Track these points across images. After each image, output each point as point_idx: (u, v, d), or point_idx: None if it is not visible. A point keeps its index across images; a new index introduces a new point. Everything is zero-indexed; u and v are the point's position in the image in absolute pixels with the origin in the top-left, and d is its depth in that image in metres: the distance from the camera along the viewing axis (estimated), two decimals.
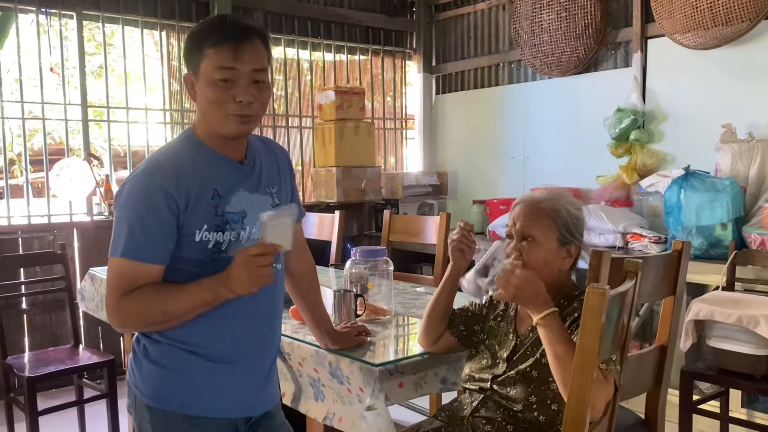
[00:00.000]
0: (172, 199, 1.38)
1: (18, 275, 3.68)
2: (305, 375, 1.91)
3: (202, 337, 1.45)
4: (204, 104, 1.43)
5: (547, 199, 1.66)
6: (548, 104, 4.71)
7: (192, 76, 1.44)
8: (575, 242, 1.65)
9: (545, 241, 1.62)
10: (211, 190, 1.43)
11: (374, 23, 5.42)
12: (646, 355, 1.99)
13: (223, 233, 1.43)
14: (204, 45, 1.39)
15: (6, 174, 4.15)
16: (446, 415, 1.77)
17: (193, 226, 1.41)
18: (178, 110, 4.60)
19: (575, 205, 1.67)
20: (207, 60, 1.39)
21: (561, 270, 1.66)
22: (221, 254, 1.43)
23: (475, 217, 4.88)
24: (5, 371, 3.04)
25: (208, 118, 1.44)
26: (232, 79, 1.39)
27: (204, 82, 1.41)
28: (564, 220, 1.62)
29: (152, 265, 1.40)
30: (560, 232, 1.62)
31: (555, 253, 1.63)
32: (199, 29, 1.44)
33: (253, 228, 1.47)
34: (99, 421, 3.20)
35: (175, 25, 4.49)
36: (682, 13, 3.67)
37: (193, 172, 1.43)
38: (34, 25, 4.05)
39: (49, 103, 4.14)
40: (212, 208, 1.43)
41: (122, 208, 1.41)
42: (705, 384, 2.91)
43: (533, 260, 1.62)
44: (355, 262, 2.23)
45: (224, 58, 1.38)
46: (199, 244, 1.42)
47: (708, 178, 3.30)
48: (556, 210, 1.63)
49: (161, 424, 1.47)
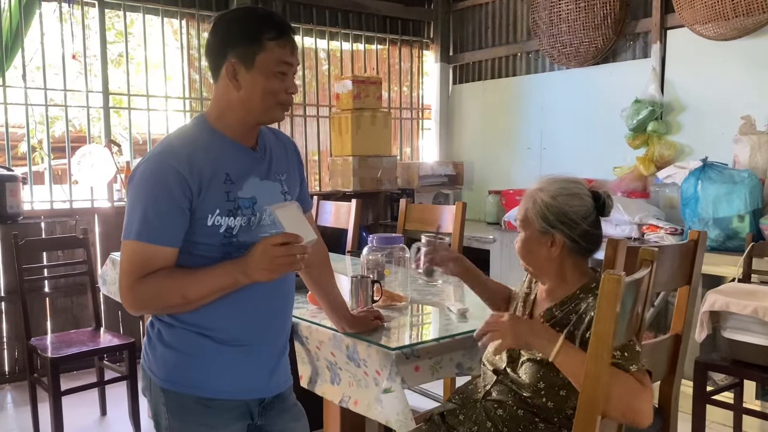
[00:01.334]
0: (185, 183, 1.40)
1: (41, 259, 3.75)
2: (322, 358, 1.95)
3: (215, 321, 1.48)
4: (252, 92, 1.46)
5: (529, 189, 1.69)
6: (566, 95, 4.70)
7: (238, 65, 1.45)
8: (556, 230, 1.61)
9: (529, 230, 1.66)
10: (223, 174, 1.46)
11: (392, 12, 5.42)
12: (660, 344, 2.00)
13: (234, 218, 1.45)
14: (263, 37, 1.44)
15: (29, 160, 4.22)
16: (460, 397, 1.80)
17: (205, 210, 1.43)
18: (197, 98, 4.64)
19: (551, 192, 1.62)
20: (267, 53, 1.44)
21: (549, 258, 1.64)
22: (232, 239, 1.46)
23: (491, 207, 4.89)
24: (29, 352, 3.11)
25: (249, 105, 1.47)
26: (286, 73, 1.47)
27: (261, 73, 1.45)
28: (538, 209, 1.62)
29: (166, 247, 1.41)
30: (538, 222, 1.63)
31: (536, 242, 1.64)
32: (250, 21, 1.47)
33: (262, 214, 1.50)
34: (119, 402, 3.27)
35: (195, 14, 4.53)
36: (702, 4, 3.64)
37: (206, 156, 1.45)
38: (57, 13, 4.10)
39: (71, 91, 4.20)
40: (224, 193, 1.45)
41: (136, 191, 1.43)
42: (719, 375, 2.91)
43: (522, 250, 1.68)
44: (372, 249, 2.25)
45: (285, 53, 1.46)
46: (211, 229, 1.44)
47: (726, 170, 3.29)
48: (531, 198, 1.65)
49: (175, 406, 1.50)
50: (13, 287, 3.76)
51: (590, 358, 1.36)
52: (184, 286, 1.42)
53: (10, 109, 4.01)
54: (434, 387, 3.33)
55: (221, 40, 1.47)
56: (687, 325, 2.02)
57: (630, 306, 1.43)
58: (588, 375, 1.36)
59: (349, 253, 3.25)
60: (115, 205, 4.23)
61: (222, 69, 1.47)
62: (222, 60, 1.46)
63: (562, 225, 1.61)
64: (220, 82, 1.49)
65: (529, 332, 1.52)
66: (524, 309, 1.76)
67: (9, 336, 3.88)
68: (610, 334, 1.33)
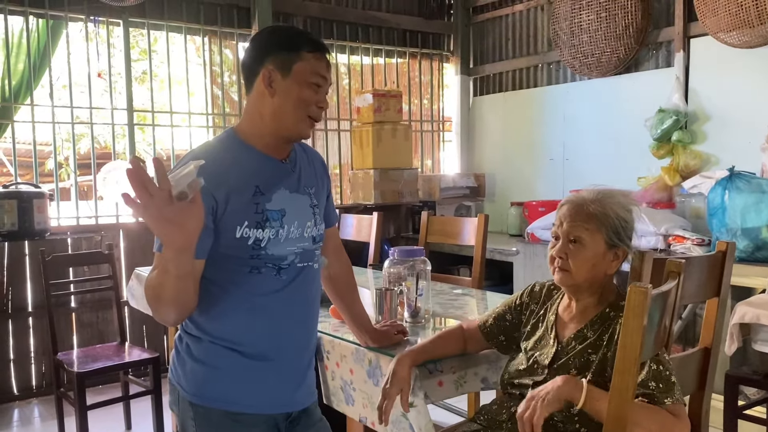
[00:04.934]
0: (211, 197, 1.40)
1: (67, 274, 3.80)
2: (338, 377, 1.93)
3: (244, 336, 1.49)
4: (285, 100, 1.48)
5: (595, 201, 1.60)
6: (588, 105, 4.66)
7: (275, 72, 1.48)
8: (623, 245, 1.59)
9: (592, 243, 1.58)
10: (252, 187, 1.46)
11: (412, 26, 5.44)
12: (689, 357, 1.96)
13: (263, 230, 1.46)
14: (301, 48, 1.48)
15: (56, 177, 4.30)
16: (485, 418, 1.73)
17: (233, 222, 1.43)
18: (220, 114, 4.69)
19: (625, 206, 1.60)
20: (304, 63, 1.48)
21: (607, 273, 1.61)
22: (261, 251, 1.46)
23: (513, 219, 4.86)
24: (56, 367, 3.15)
25: (281, 115, 1.48)
26: (320, 86, 1.50)
27: (296, 81, 1.48)
28: (612, 223, 1.57)
29: None
30: (608, 235, 1.57)
31: (602, 257, 1.58)
32: (290, 33, 1.54)
33: (291, 227, 1.50)
34: (144, 416, 3.29)
35: (217, 31, 4.59)
36: (726, 11, 3.60)
37: (235, 168, 1.46)
38: (83, 33, 4.18)
39: (96, 108, 4.28)
40: (254, 205, 1.46)
41: None
42: (751, 389, 2.84)
43: (578, 263, 1.58)
44: (394, 262, 2.24)
45: (321, 66, 1.51)
46: (239, 241, 1.44)
47: (754, 179, 3.23)
48: (604, 213, 1.58)
49: (204, 421, 1.50)
50: (40, 302, 3.82)
51: (617, 372, 1.33)
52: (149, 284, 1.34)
53: (38, 127, 4.09)
54: (458, 401, 3.29)
55: (260, 48, 1.51)
56: (716, 338, 1.98)
57: (657, 319, 1.41)
58: (614, 390, 1.34)
59: (371, 267, 3.24)
60: (139, 221, 4.27)
61: (257, 77, 1.49)
62: (259, 67, 1.48)
63: (629, 240, 1.59)
64: (254, 93, 1.51)
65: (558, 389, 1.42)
66: (547, 332, 1.69)
67: (36, 351, 3.94)
68: (637, 348, 1.30)
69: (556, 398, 1.41)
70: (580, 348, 1.57)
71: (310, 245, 1.57)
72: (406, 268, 2.16)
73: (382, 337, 1.85)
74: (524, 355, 1.70)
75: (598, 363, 1.53)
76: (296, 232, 1.52)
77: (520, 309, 1.78)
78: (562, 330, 1.66)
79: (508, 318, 1.79)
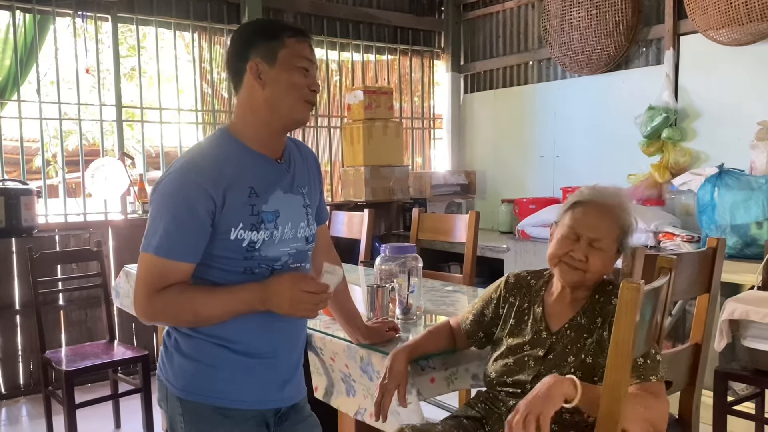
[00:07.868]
0: (209, 197, 1.40)
1: (55, 272, 3.76)
2: (337, 370, 1.93)
3: (233, 332, 1.48)
4: (276, 88, 1.47)
5: (620, 209, 1.65)
6: (578, 102, 4.67)
7: (262, 63, 1.47)
8: (626, 248, 1.67)
9: (609, 249, 1.63)
10: (247, 188, 1.45)
11: (403, 23, 5.43)
12: (679, 353, 1.97)
13: (257, 232, 1.45)
14: (283, 34, 1.49)
15: (44, 174, 4.25)
16: (482, 406, 1.72)
17: (228, 224, 1.42)
18: (209, 111, 4.66)
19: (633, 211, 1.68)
20: (288, 49, 1.48)
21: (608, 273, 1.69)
22: (255, 253, 1.46)
23: (504, 216, 4.87)
24: (44, 365, 3.12)
25: (275, 103, 1.47)
26: (308, 70, 1.50)
27: (283, 68, 1.47)
28: (628, 231, 1.64)
29: (183, 263, 1.42)
30: (620, 243, 1.65)
31: (611, 260, 1.65)
32: (269, 24, 1.59)
33: (284, 228, 1.49)
34: (133, 414, 3.27)
35: (206, 27, 4.56)
36: (715, 9, 3.61)
37: (230, 169, 1.45)
38: (71, 28, 4.14)
39: (84, 105, 4.24)
40: (249, 206, 1.44)
41: (158, 205, 1.43)
42: (740, 385, 2.86)
43: (597, 266, 1.61)
44: (385, 259, 2.23)
45: (305, 49, 1.51)
46: (234, 243, 1.44)
47: (743, 176, 3.25)
48: (628, 223, 1.64)
49: (192, 416, 1.49)
50: (27, 300, 3.78)
51: (610, 367, 1.33)
52: (197, 304, 1.42)
53: (25, 123, 4.04)
54: (450, 398, 3.29)
55: (243, 44, 1.50)
56: (706, 334, 1.99)
57: (649, 315, 1.41)
58: (608, 384, 1.34)
59: (363, 264, 3.23)
60: (128, 218, 4.25)
61: (244, 73, 1.48)
62: (244, 63, 1.48)
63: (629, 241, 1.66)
64: (243, 88, 1.50)
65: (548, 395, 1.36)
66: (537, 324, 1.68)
67: (24, 349, 3.90)
68: (630, 344, 1.30)
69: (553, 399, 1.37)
70: (575, 335, 1.59)
71: (303, 245, 1.56)
72: (397, 265, 2.16)
73: (373, 334, 1.84)
74: (509, 350, 1.69)
75: (595, 344, 1.57)
76: (290, 233, 1.51)
77: (498, 302, 1.79)
78: (552, 322, 1.67)
79: (486, 313, 1.80)
